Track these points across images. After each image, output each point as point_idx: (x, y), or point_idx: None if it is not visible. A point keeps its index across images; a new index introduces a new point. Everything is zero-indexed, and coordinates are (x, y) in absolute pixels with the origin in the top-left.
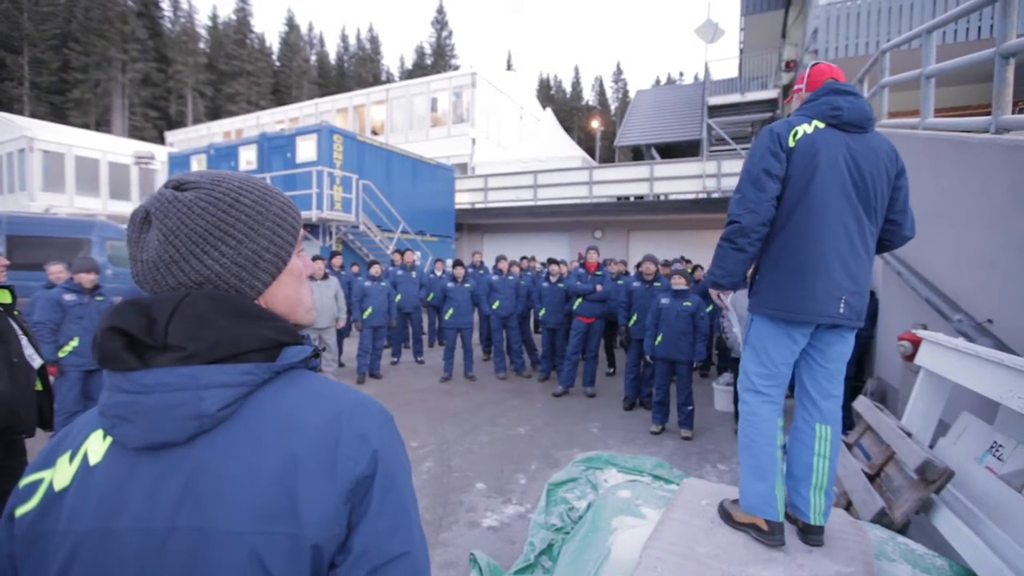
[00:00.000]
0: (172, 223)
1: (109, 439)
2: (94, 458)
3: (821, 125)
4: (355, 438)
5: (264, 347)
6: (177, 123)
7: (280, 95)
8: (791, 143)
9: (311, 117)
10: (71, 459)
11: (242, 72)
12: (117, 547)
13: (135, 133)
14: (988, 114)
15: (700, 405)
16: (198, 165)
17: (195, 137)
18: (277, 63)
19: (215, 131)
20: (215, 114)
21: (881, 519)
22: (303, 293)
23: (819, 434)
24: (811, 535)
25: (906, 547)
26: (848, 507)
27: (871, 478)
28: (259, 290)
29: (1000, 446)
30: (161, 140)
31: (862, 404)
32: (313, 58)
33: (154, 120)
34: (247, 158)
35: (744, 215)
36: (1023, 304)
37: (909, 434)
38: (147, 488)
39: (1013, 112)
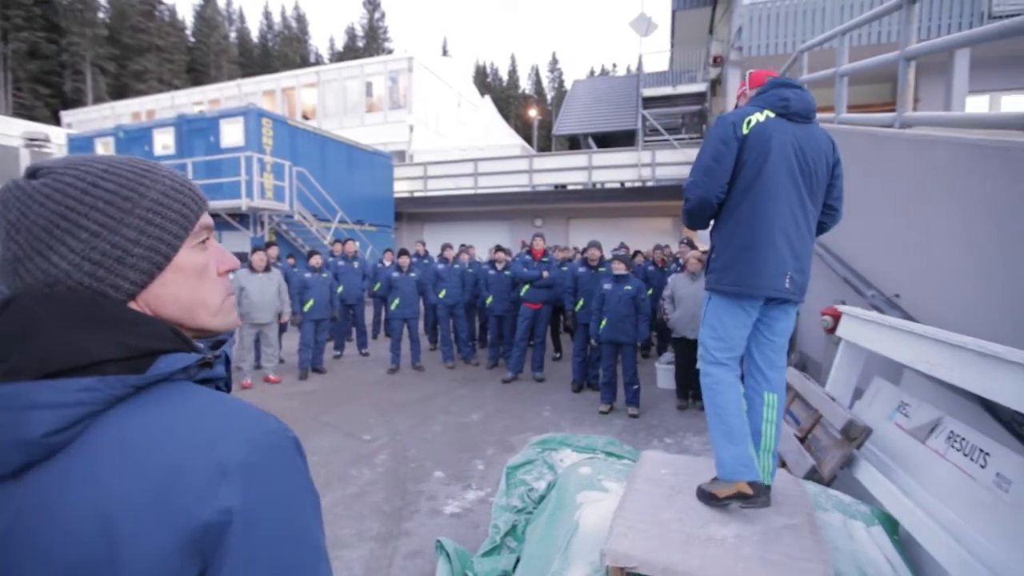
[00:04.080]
0: (13, 215)
1: None
2: None
3: (772, 115)
4: (210, 470)
5: (127, 356)
6: (74, 101)
7: (196, 74)
8: (745, 130)
9: (234, 99)
10: None
11: (151, 47)
12: None
13: (22, 112)
14: (892, 111)
15: (643, 384)
16: (104, 149)
17: (98, 118)
18: (192, 39)
19: (122, 112)
20: (120, 93)
21: (812, 475)
22: (206, 293)
23: (767, 401)
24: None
25: (836, 498)
26: (783, 466)
27: (801, 440)
28: (128, 291)
29: (907, 405)
30: (56, 120)
31: (792, 374)
32: (233, 35)
33: (46, 97)
34: (163, 142)
35: (693, 199)
36: (924, 280)
37: (833, 399)
38: None
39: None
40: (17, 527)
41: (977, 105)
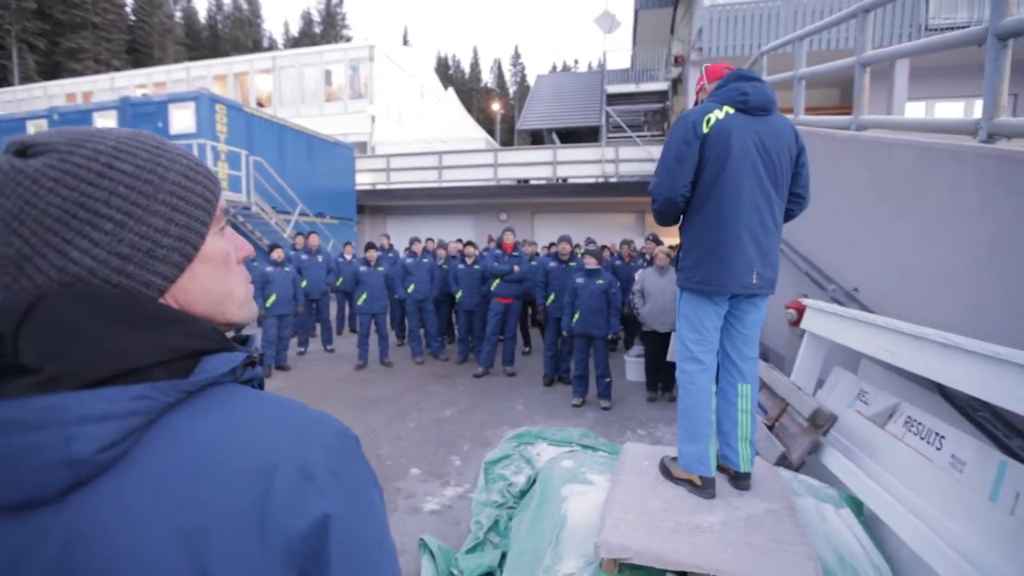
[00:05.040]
0: (13, 204)
1: None
2: None
3: (731, 111)
4: (295, 477)
5: (171, 359)
6: None
7: (138, 55)
8: (705, 129)
9: (182, 83)
10: None
11: (86, 24)
12: None
13: None
14: (840, 113)
15: (613, 377)
16: (36, 132)
17: (27, 98)
18: (132, 17)
19: (55, 92)
20: (52, 72)
21: (782, 462)
22: (232, 283)
23: (741, 392)
24: (741, 481)
25: (806, 483)
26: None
27: (769, 428)
28: (159, 287)
29: (866, 392)
30: None
31: (759, 366)
32: (178, 15)
33: None
34: (104, 126)
35: (659, 199)
36: (881, 275)
37: (800, 388)
38: (10, 560)
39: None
40: (73, 554)
41: (915, 111)
